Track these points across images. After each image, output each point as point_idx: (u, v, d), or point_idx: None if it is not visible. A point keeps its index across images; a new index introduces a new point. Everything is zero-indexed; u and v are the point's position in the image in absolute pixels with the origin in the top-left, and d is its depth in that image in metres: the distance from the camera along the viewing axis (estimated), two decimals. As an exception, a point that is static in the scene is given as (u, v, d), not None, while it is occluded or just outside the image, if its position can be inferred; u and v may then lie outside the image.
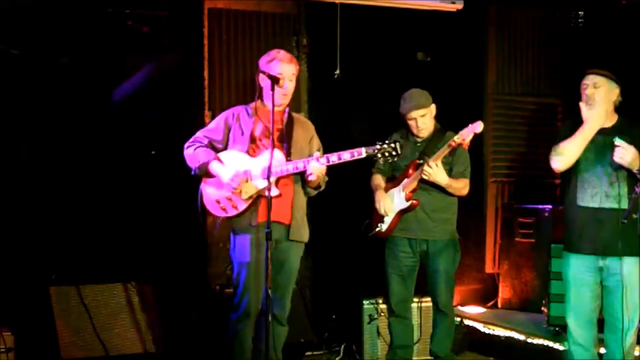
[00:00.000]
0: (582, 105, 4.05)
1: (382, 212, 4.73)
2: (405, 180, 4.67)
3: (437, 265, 4.75)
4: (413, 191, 4.65)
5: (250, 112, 4.25)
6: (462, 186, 4.70)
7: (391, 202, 4.72)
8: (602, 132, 4.05)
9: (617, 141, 3.93)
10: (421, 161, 4.58)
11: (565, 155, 4.10)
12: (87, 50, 5.18)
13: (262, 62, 4.22)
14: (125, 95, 5.38)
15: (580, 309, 4.15)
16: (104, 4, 5.19)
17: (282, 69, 4.14)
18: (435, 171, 4.51)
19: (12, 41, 5.00)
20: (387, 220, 4.74)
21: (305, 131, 4.36)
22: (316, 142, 4.39)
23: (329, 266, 5.63)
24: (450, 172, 4.64)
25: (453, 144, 4.48)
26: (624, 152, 3.92)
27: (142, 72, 5.45)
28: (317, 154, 4.10)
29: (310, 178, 4.09)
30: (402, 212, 4.71)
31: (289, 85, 4.19)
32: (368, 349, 5.24)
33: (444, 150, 4.51)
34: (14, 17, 4.94)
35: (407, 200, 4.65)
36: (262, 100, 4.25)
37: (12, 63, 5.01)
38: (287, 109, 4.29)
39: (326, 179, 4.27)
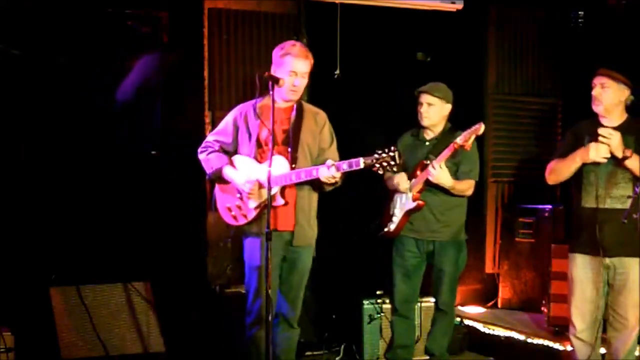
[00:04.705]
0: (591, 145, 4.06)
1: (403, 188, 4.68)
2: (413, 180, 4.68)
3: (442, 265, 4.78)
4: (420, 192, 4.66)
5: (258, 111, 4.11)
6: (465, 187, 4.70)
7: (405, 182, 4.69)
8: None
9: (601, 129, 3.99)
10: (428, 162, 4.59)
11: (557, 175, 4.22)
12: (87, 51, 5.18)
13: (276, 54, 4.10)
14: (125, 93, 5.37)
15: (584, 307, 4.16)
16: (104, 4, 5.19)
17: (296, 65, 4.03)
18: (439, 173, 4.51)
19: (12, 41, 5.00)
20: (396, 220, 4.76)
21: (315, 124, 4.19)
22: (327, 132, 4.23)
23: (329, 266, 5.62)
24: (456, 172, 4.64)
25: (455, 145, 4.49)
26: (610, 132, 3.95)
27: (140, 68, 5.42)
28: (329, 161, 3.92)
29: (324, 181, 3.96)
30: (409, 213, 4.72)
31: (300, 82, 4.06)
32: (368, 349, 5.23)
33: (447, 153, 4.51)
34: (14, 17, 4.94)
35: (414, 200, 4.66)
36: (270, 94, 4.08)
37: (12, 63, 5.01)
38: (295, 105, 4.15)
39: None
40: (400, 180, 4.70)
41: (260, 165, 4.03)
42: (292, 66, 4.03)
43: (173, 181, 5.25)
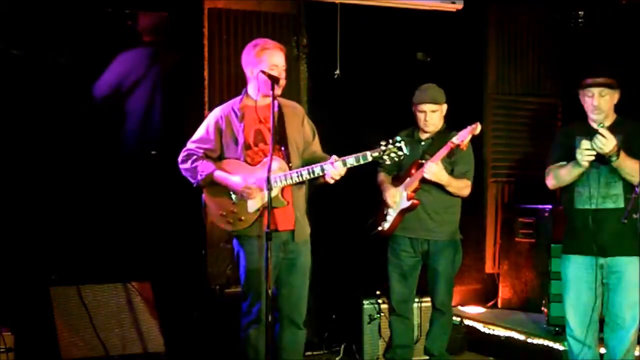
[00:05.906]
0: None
1: (391, 203, 4.72)
2: (408, 179, 4.69)
3: (437, 265, 4.78)
4: (415, 191, 4.67)
5: (239, 113, 4.07)
6: (462, 186, 4.71)
7: (392, 198, 4.74)
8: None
9: (601, 129, 3.91)
10: (423, 161, 4.60)
11: (558, 181, 4.19)
12: (87, 51, 5.18)
13: (250, 52, 4.03)
14: (109, 85, 5.34)
15: (580, 307, 4.16)
16: (104, 4, 5.18)
17: (277, 59, 4.00)
18: (435, 170, 4.53)
19: (12, 41, 5.00)
20: (390, 219, 4.76)
21: (296, 117, 4.16)
22: (308, 125, 4.21)
23: (329, 266, 5.62)
24: (451, 173, 4.65)
25: (452, 145, 4.51)
26: (604, 141, 3.91)
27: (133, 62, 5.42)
28: (334, 157, 3.92)
29: (328, 180, 3.93)
30: (403, 212, 4.72)
31: (283, 75, 4.03)
32: (368, 349, 5.24)
33: (444, 152, 4.52)
34: (14, 17, 4.94)
35: (409, 199, 4.67)
36: (248, 94, 4.09)
37: (12, 63, 5.01)
38: (275, 101, 4.04)
39: None
40: (389, 195, 4.73)
41: (255, 168, 4.00)
42: (274, 60, 3.99)
43: (173, 181, 5.25)
